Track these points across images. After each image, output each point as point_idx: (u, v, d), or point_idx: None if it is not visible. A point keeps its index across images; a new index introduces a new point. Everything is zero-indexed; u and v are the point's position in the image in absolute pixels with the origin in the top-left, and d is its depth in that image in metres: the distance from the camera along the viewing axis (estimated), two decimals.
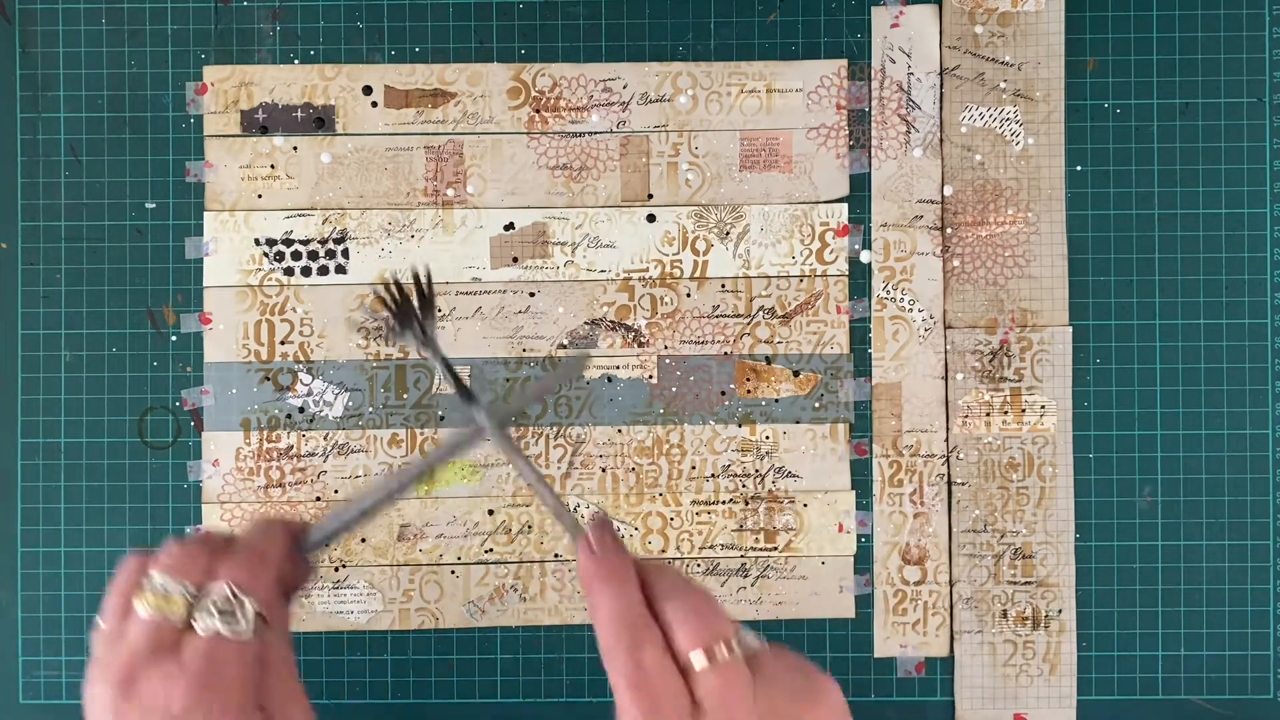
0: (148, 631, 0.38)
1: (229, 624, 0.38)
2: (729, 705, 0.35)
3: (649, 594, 0.38)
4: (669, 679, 0.36)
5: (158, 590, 0.39)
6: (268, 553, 0.40)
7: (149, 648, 0.37)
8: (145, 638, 0.38)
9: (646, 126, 0.55)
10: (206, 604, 0.38)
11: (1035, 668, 0.55)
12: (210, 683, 0.37)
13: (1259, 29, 0.55)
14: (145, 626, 0.38)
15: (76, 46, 0.55)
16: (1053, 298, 0.55)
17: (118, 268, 0.55)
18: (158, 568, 0.39)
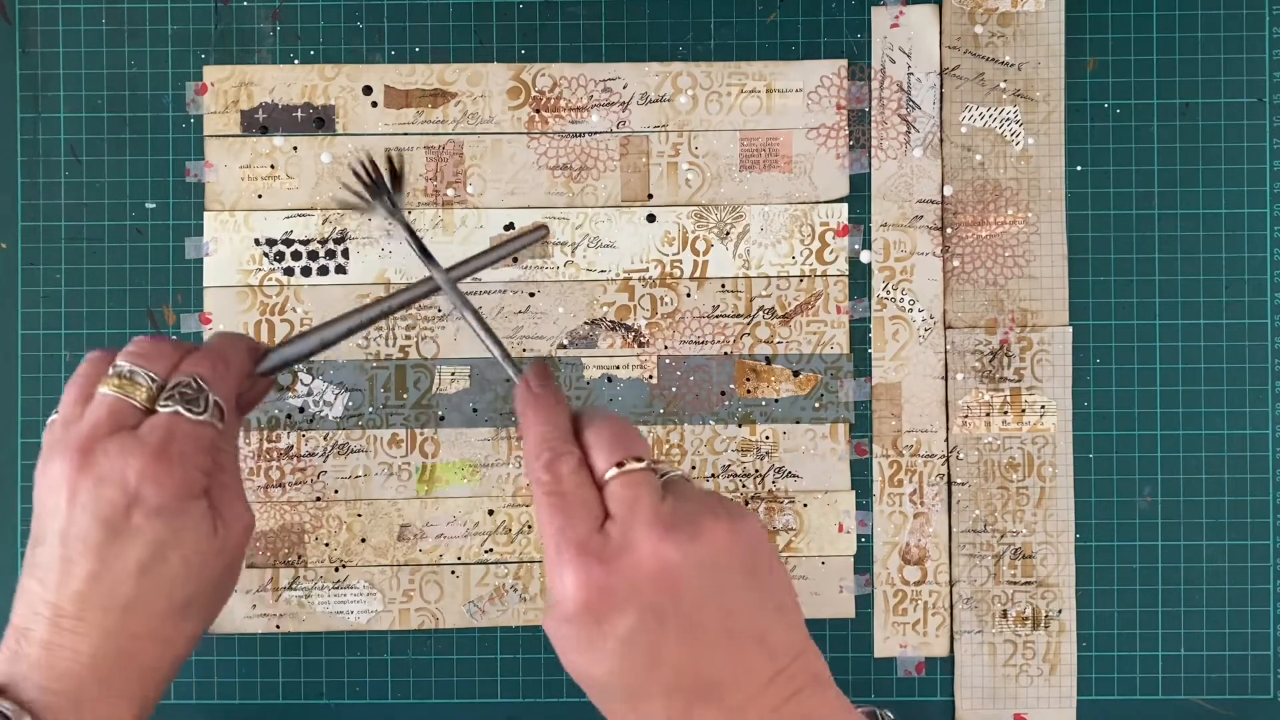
0: (109, 409, 0.38)
1: (189, 408, 0.38)
2: (634, 507, 0.35)
3: (577, 427, 0.38)
4: (583, 491, 0.36)
5: (124, 374, 0.39)
6: (231, 359, 0.41)
7: (109, 425, 0.38)
8: (106, 415, 0.38)
9: (646, 126, 0.55)
10: (170, 391, 0.39)
11: (1035, 668, 0.55)
12: (167, 456, 0.38)
13: (1259, 29, 0.55)
14: (107, 405, 0.39)
15: (76, 46, 0.55)
16: (1053, 298, 0.55)
17: (118, 268, 0.55)
18: (125, 357, 0.40)
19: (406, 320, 0.55)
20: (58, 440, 0.39)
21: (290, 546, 0.55)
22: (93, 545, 0.37)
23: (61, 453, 0.38)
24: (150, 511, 0.37)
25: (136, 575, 0.37)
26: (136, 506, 0.37)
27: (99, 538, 0.37)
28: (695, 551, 0.35)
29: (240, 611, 0.55)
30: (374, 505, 0.55)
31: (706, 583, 0.35)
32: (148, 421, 0.38)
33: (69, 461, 0.38)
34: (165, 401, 0.39)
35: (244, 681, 0.55)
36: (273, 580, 0.55)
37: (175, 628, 0.39)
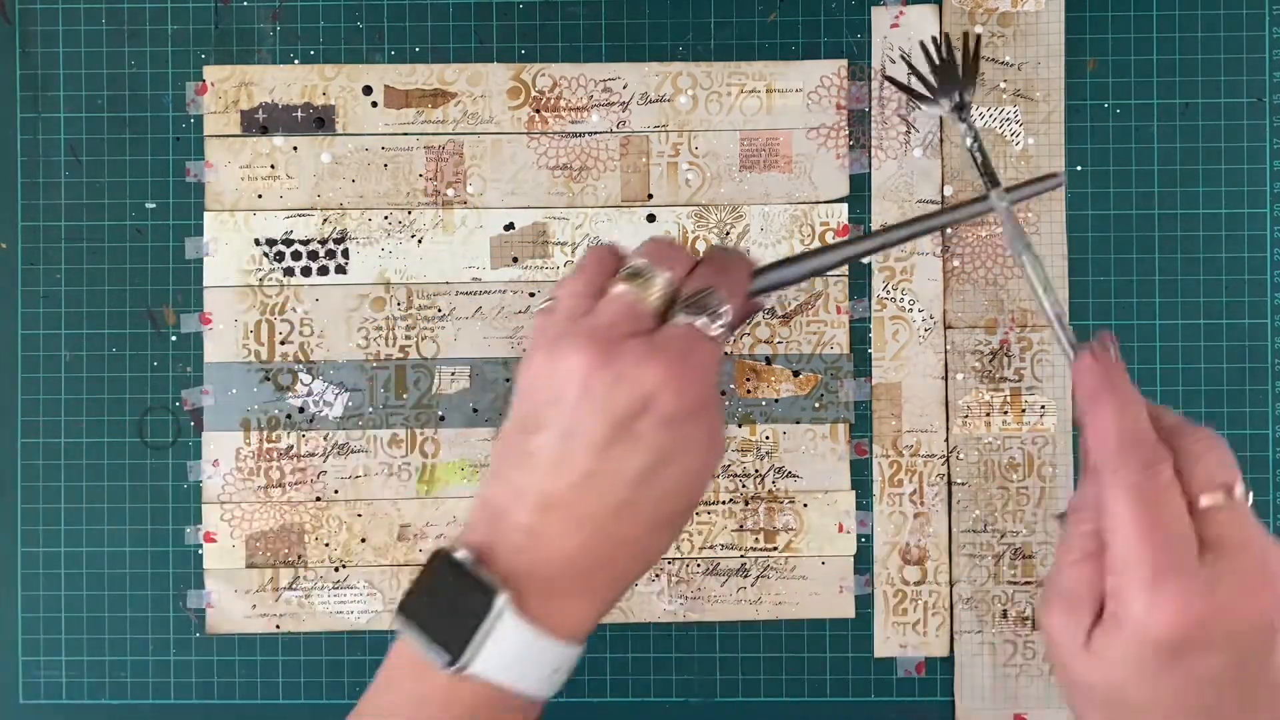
0: (628, 308, 0.37)
1: (708, 320, 0.37)
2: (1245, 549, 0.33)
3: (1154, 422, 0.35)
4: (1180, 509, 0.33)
5: (640, 274, 0.38)
6: (736, 275, 0.39)
7: (628, 325, 0.37)
8: (625, 314, 0.37)
9: (646, 126, 0.55)
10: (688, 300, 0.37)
11: (1035, 668, 0.55)
12: (687, 367, 0.36)
13: (1259, 29, 0.55)
14: (625, 304, 0.37)
15: (76, 46, 0.55)
16: None
17: (118, 268, 0.55)
18: (641, 257, 0.38)
19: (406, 320, 0.55)
20: (567, 331, 0.37)
21: (290, 546, 0.55)
22: (597, 443, 0.36)
23: (576, 344, 0.36)
24: (661, 420, 0.36)
25: (634, 482, 0.36)
26: (649, 413, 0.36)
27: (605, 437, 0.36)
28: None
29: (240, 611, 0.55)
30: (374, 505, 0.55)
31: None
32: (667, 328, 0.37)
33: (587, 354, 0.36)
34: (684, 310, 0.37)
35: (244, 681, 0.55)
36: (273, 580, 0.55)
37: (654, 540, 0.38)
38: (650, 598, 0.55)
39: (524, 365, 0.38)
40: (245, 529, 0.55)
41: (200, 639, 0.55)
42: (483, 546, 0.36)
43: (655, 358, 0.36)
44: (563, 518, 0.36)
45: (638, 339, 0.36)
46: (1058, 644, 0.35)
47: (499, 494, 0.37)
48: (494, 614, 0.35)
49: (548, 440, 0.36)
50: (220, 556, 0.55)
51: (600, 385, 0.35)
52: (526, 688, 0.36)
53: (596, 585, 0.37)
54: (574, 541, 0.36)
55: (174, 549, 0.55)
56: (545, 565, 0.36)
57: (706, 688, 0.55)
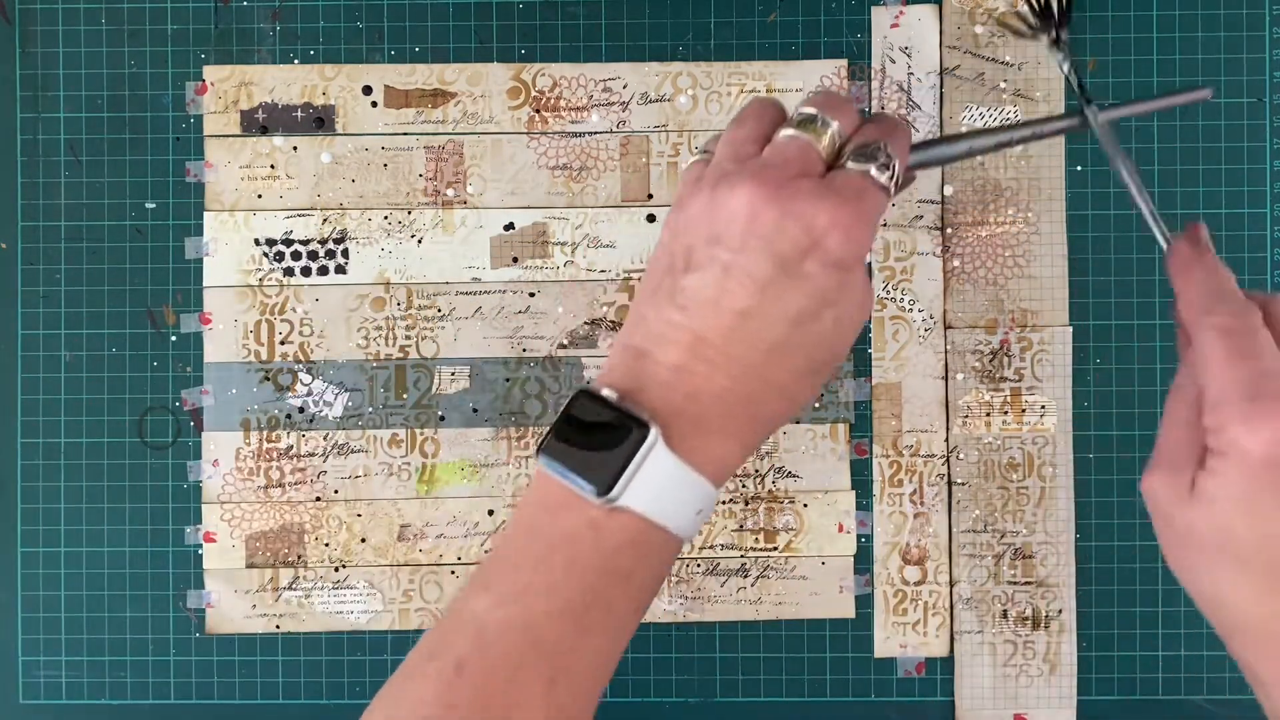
0: (800, 151, 0.36)
1: (880, 171, 0.36)
2: None
3: None
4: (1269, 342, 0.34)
5: (812, 121, 0.37)
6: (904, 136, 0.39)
7: (799, 166, 0.36)
8: (797, 156, 0.36)
9: (646, 126, 0.55)
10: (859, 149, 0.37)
11: (1035, 668, 0.55)
12: (858, 212, 0.35)
13: (1259, 29, 0.55)
14: (797, 147, 0.37)
15: (76, 46, 0.55)
16: (1053, 298, 0.55)
17: (118, 268, 0.55)
18: (811, 105, 0.38)
19: (406, 320, 0.55)
20: (734, 171, 0.36)
21: (290, 546, 0.55)
22: (758, 281, 0.35)
23: (746, 181, 0.35)
24: (827, 262, 0.35)
25: (790, 323, 0.35)
26: (814, 253, 0.35)
27: (767, 274, 0.35)
28: None
29: (240, 611, 0.55)
30: (374, 505, 0.55)
31: None
32: (840, 172, 0.36)
33: (757, 191, 0.35)
34: (855, 158, 0.37)
35: (244, 681, 0.55)
36: (273, 580, 0.55)
37: (800, 386, 0.37)
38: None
39: (678, 208, 0.37)
40: (245, 529, 0.55)
41: (200, 639, 0.55)
42: (626, 385, 0.36)
43: (828, 198, 0.35)
44: (714, 357, 0.36)
45: (811, 180, 0.36)
46: (1161, 504, 0.35)
47: (642, 336, 0.36)
48: (647, 445, 0.34)
49: (704, 279, 0.36)
50: (220, 556, 0.55)
51: (768, 222, 0.35)
52: (673, 524, 0.35)
53: (742, 426, 0.36)
54: (723, 381, 0.36)
55: (174, 549, 0.55)
56: (694, 403, 0.35)
57: (706, 688, 0.55)
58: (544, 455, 0.35)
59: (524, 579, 0.35)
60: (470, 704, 0.33)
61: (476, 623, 0.34)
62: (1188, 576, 0.36)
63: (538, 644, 0.34)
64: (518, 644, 0.34)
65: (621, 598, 0.35)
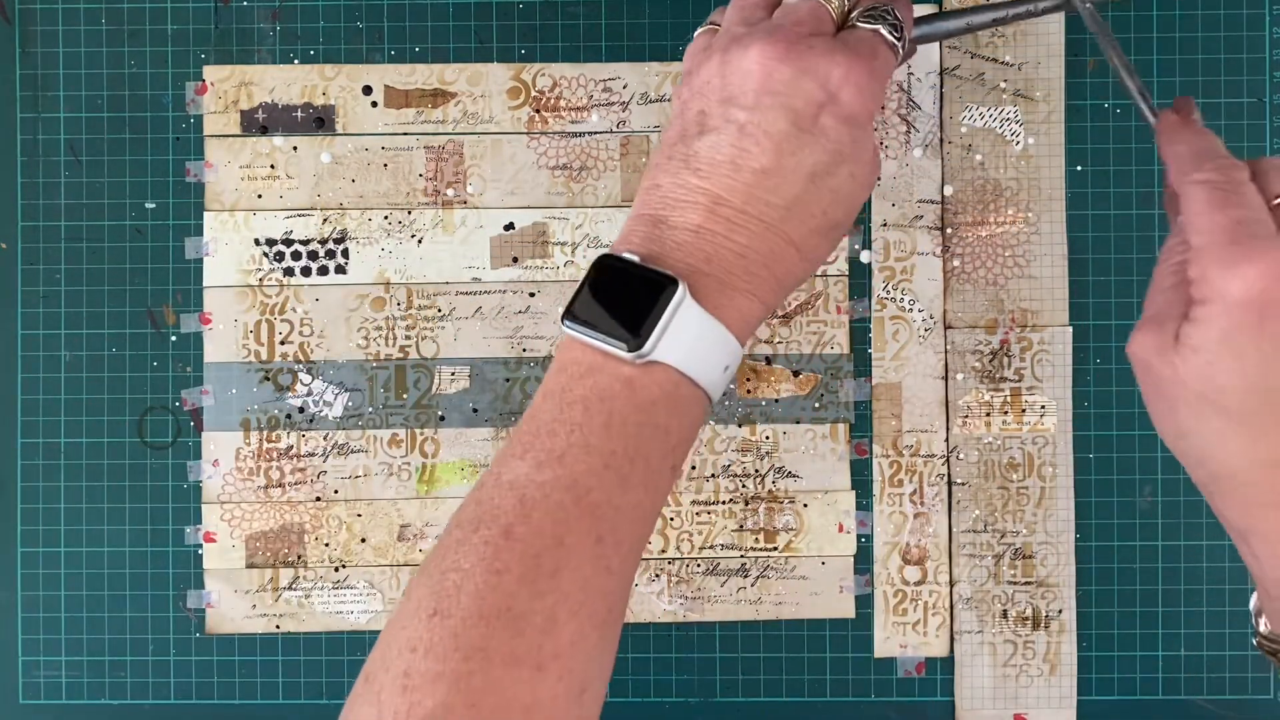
0: (810, 10, 0.37)
1: (890, 31, 0.37)
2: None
3: None
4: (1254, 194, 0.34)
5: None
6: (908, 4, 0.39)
7: (811, 25, 0.37)
8: (808, 14, 0.37)
9: (646, 126, 0.55)
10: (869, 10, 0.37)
11: (1035, 668, 0.55)
12: (871, 68, 0.36)
13: (1259, 29, 0.55)
14: (808, 8, 0.37)
15: (76, 46, 0.55)
16: (1053, 298, 0.55)
17: (118, 268, 0.55)
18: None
19: (406, 320, 0.55)
20: (745, 33, 0.37)
21: (290, 546, 0.55)
22: (774, 137, 0.35)
23: (758, 39, 0.36)
24: (842, 116, 0.36)
25: (806, 179, 0.36)
26: (830, 107, 0.36)
27: (783, 130, 0.35)
28: None
29: (240, 611, 0.55)
30: (374, 505, 0.55)
31: None
32: (853, 32, 0.37)
33: (771, 49, 0.35)
34: (866, 18, 0.37)
35: (244, 681, 0.55)
36: (273, 580, 0.55)
37: (816, 245, 0.37)
38: (650, 598, 0.55)
39: (686, 79, 0.38)
40: (245, 529, 0.55)
41: (200, 639, 0.55)
42: (646, 250, 0.36)
43: (841, 53, 0.36)
44: (732, 216, 0.36)
45: (823, 37, 0.36)
46: (1146, 361, 0.35)
47: (658, 203, 0.37)
48: (676, 300, 0.34)
49: (719, 140, 0.36)
50: (220, 556, 0.55)
51: (783, 79, 0.35)
52: (704, 379, 0.36)
53: (763, 283, 0.37)
54: (742, 239, 0.36)
55: (174, 549, 0.55)
56: (715, 261, 0.36)
57: (706, 688, 0.55)
58: (569, 321, 0.35)
59: (561, 441, 0.35)
60: (521, 566, 0.33)
61: (518, 488, 0.34)
62: (1172, 432, 0.36)
63: (581, 502, 0.34)
64: (562, 504, 0.34)
65: (659, 452, 0.35)
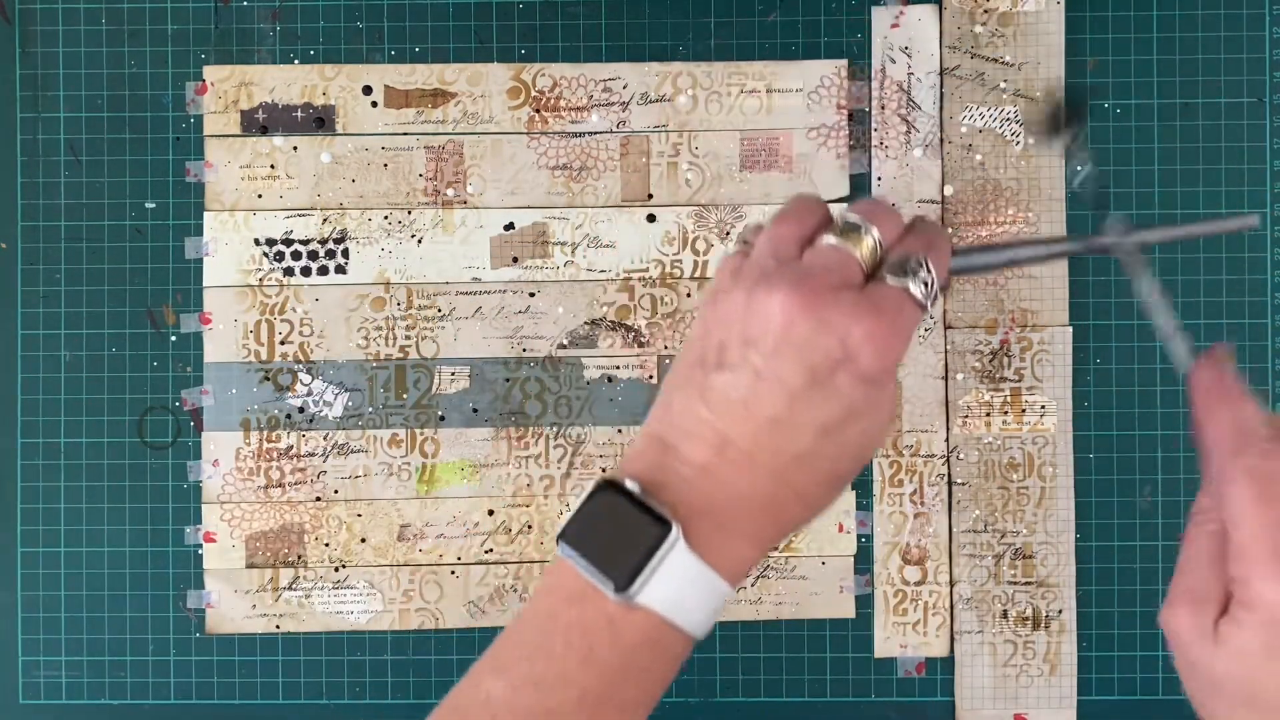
0: (840, 261, 0.36)
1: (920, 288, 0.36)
2: None
3: None
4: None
5: (855, 229, 0.37)
6: (944, 249, 0.38)
7: (839, 277, 0.36)
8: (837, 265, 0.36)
9: (646, 126, 0.55)
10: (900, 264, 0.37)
11: (1035, 668, 0.55)
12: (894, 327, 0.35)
13: (1259, 29, 0.55)
14: (838, 256, 0.36)
15: (76, 46, 0.55)
16: (1053, 298, 0.55)
17: (118, 268, 0.55)
18: (855, 212, 0.38)
19: (406, 320, 0.55)
20: (773, 273, 0.36)
21: (290, 546, 0.55)
22: (788, 389, 0.35)
23: (784, 285, 0.35)
24: (859, 376, 0.35)
25: (817, 432, 0.35)
26: (847, 366, 0.35)
27: (798, 384, 0.35)
28: None
29: (240, 611, 0.55)
30: (374, 505, 0.55)
31: None
32: (878, 286, 0.36)
33: (794, 297, 0.35)
34: (895, 272, 0.37)
35: (244, 681, 0.55)
36: (273, 580, 0.55)
37: (823, 496, 0.37)
38: None
39: (714, 300, 0.37)
40: (245, 529, 0.55)
41: (200, 639, 0.55)
42: (651, 478, 0.36)
43: (865, 312, 0.35)
44: (739, 460, 0.36)
45: (849, 291, 0.36)
46: (1185, 642, 0.35)
47: (669, 427, 0.37)
48: (668, 544, 0.34)
49: (735, 380, 0.36)
50: (220, 556, 0.55)
51: (804, 331, 0.35)
52: (688, 625, 0.36)
53: (762, 529, 0.36)
54: (746, 484, 0.36)
55: (174, 549, 0.55)
56: (716, 504, 0.36)
57: (706, 687, 0.55)
58: (564, 543, 0.36)
59: (539, 668, 0.35)
60: None
61: (492, 707, 0.35)
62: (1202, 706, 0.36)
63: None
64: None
65: (635, 691, 0.36)
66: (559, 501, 0.55)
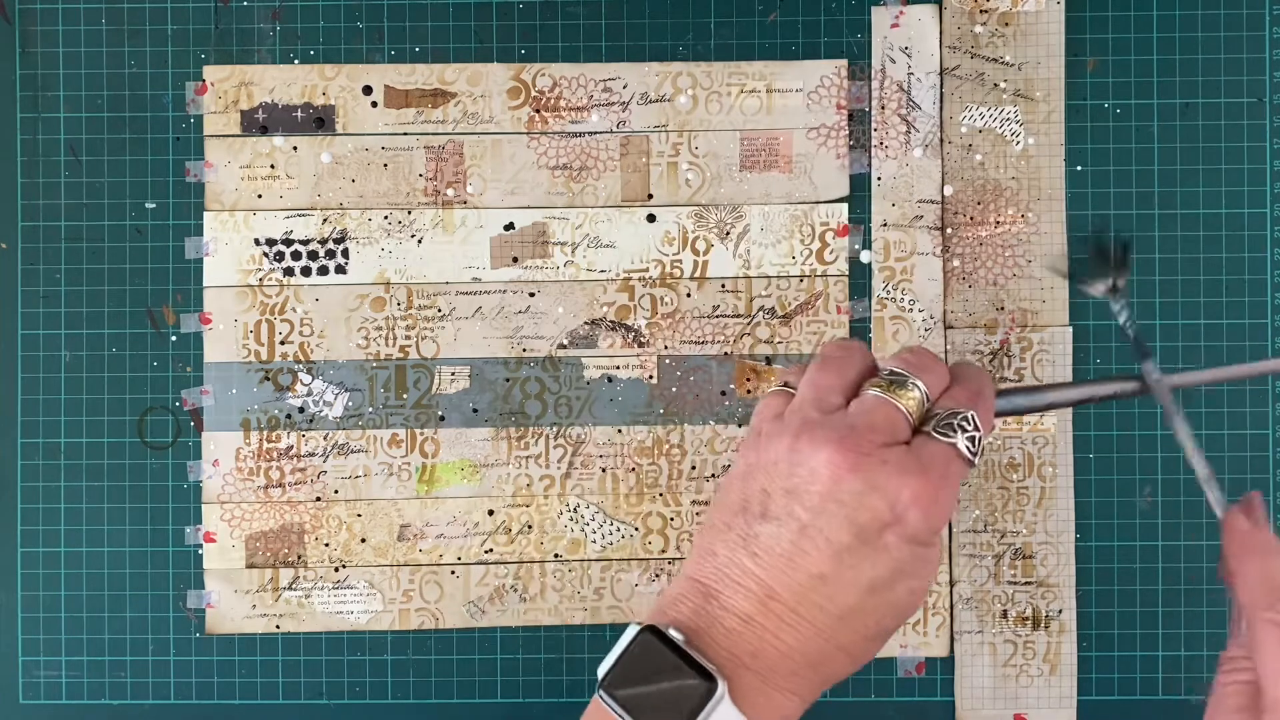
0: (888, 417, 0.36)
1: (967, 445, 0.36)
2: None
3: None
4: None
5: (901, 383, 0.37)
6: (989, 398, 0.38)
7: (887, 433, 0.36)
8: (885, 422, 0.36)
9: (646, 126, 0.55)
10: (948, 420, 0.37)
11: (1035, 668, 0.55)
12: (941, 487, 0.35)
13: (1259, 29, 0.55)
14: (886, 412, 0.36)
15: (76, 46, 0.55)
16: (1053, 298, 0.55)
17: (118, 268, 0.55)
18: (900, 364, 0.38)
19: (406, 320, 0.55)
20: (818, 423, 0.36)
21: (290, 546, 0.55)
22: (835, 547, 0.35)
23: (830, 440, 0.35)
24: (906, 537, 0.35)
25: (863, 591, 0.35)
26: (895, 527, 0.35)
27: (845, 542, 0.35)
28: None
29: (240, 611, 0.55)
30: (374, 505, 0.55)
31: None
32: (927, 444, 0.36)
33: (841, 454, 0.35)
34: (942, 429, 0.36)
35: (244, 681, 0.55)
36: (273, 580, 0.55)
37: (865, 649, 0.37)
38: (651, 598, 0.55)
39: (756, 443, 0.37)
40: (245, 529, 0.55)
41: (200, 639, 0.55)
42: (693, 626, 0.35)
43: (913, 473, 0.35)
44: (784, 614, 0.35)
45: (896, 450, 0.35)
46: None
47: (711, 573, 0.36)
48: (714, 700, 0.34)
49: (780, 532, 0.35)
50: (220, 556, 0.55)
51: (851, 490, 0.35)
52: None
53: (805, 683, 0.36)
54: (791, 640, 0.35)
55: (174, 549, 0.55)
56: (760, 658, 0.35)
57: None
58: (604, 691, 0.35)
59: None
60: None
61: None
62: None
63: None
64: None
65: None
66: (559, 501, 0.55)
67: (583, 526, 0.55)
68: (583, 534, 0.55)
